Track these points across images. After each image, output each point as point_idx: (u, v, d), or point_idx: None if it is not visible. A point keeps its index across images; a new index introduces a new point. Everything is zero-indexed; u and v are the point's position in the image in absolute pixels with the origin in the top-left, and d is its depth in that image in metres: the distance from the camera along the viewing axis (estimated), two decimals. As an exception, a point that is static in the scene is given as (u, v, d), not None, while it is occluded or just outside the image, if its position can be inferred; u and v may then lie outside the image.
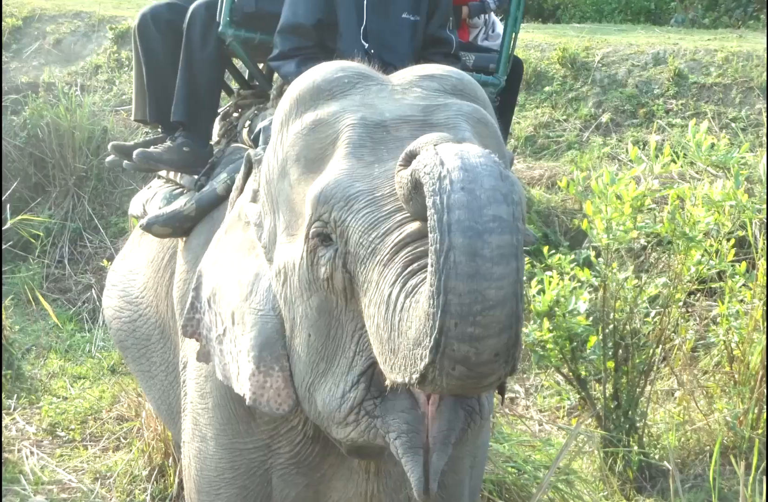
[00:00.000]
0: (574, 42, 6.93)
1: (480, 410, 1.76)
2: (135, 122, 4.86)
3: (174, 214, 2.63)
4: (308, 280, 1.76)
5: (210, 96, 2.91)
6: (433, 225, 1.42)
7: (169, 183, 3.04)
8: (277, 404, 1.87)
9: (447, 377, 1.47)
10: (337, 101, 1.82)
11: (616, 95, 6.38)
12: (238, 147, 2.82)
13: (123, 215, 6.67)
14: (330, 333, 1.75)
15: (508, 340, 1.45)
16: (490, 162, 1.46)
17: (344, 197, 1.66)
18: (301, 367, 1.83)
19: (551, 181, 5.90)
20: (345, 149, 1.73)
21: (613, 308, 3.85)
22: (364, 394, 1.71)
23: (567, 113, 6.47)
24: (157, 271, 2.83)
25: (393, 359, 1.55)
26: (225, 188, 2.57)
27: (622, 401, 3.89)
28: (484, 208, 1.41)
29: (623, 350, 3.92)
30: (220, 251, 2.12)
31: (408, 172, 1.52)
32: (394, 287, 1.55)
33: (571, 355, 3.88)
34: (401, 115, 1.77)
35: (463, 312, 1.41)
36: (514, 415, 4.36)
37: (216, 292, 2.06)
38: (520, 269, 1.44)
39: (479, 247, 1.40)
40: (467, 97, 1.87)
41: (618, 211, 3.58)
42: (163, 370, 2.79)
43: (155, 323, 2.82)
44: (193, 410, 2.33)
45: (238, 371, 1.95)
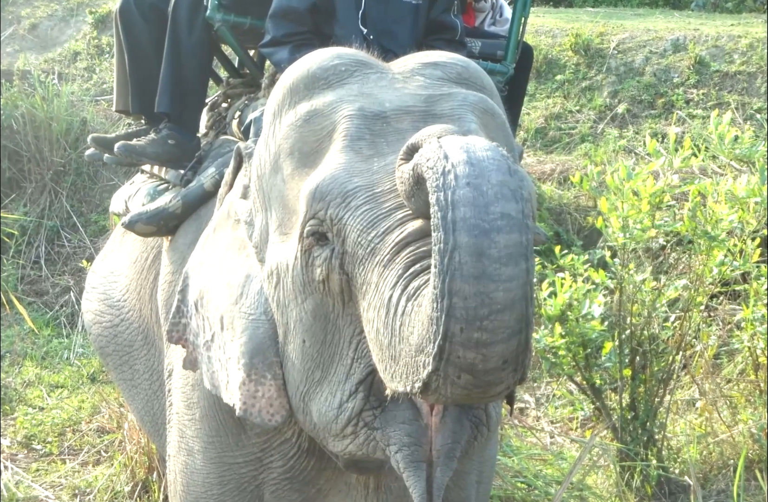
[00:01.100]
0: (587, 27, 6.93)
1: (487, 421, 1.76)
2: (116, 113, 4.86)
3: (158, 211, 2.63)
4: (303, 282, 1.76)
5: (197, 85, 2.91)
6: (436, 223, 1.42)
7: (153, 178, 3.04)
8: (270, 415, 1.87)
9: (452, 386, 1.47)
10: (334, 91, 1.82)
11: (633, 84, 6.38)
12: (227, 140, 2.82)
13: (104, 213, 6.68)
14: (326, 339, 1.75)
15: (517, 346, 1.45)
16: (498, 156, 1.46)
17: (341, 193, 1.67)
18: (295, 375, 1.83)
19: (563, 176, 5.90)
20: (342, 142, 1.73)
21: (629, 312, 3.85)
22: (363, 404, 1.71)
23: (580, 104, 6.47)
24: (140, 272, 2.83)
25: (394, 366, 1.56)
26: (213, 184, 2.57)
27: (640, 412, 3.89)
28: (491, 204, 1.42)
29: (641, 356, 3.92)
30: (208, 250, 2.13)
31: (409, 166, 1.52)
32: (395, 289, 1.56)
33: (584, 362, 3.88)
34: (402, 105, 1.77)
35: (468, 316, 1.41)
36: (524, 426, 4.36)
37: (204, 295, 2.06)
38: (529, 270, 1.44)
39: (486, 247, 1.40)
40: (473, 87, 1.87)
41: (635, 208, 3.58)
42: (147, 378, 2.79)
43: (138, 328, 2.82)
44: (179, 421, 2.33)
45: (227, 379, 1.95)
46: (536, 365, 4.44)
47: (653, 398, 3.90)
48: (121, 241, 3.12)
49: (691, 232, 3.72)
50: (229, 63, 3.21)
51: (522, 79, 3.17)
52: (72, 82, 7.70)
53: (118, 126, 7.03)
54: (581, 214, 5.66)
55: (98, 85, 7.82)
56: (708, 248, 3.73)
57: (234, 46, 2.92)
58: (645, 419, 3.88)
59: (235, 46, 2.91)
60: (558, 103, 6.51)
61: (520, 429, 4.33)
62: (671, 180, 3.63)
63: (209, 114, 3.08)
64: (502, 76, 2.93)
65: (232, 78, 3.15)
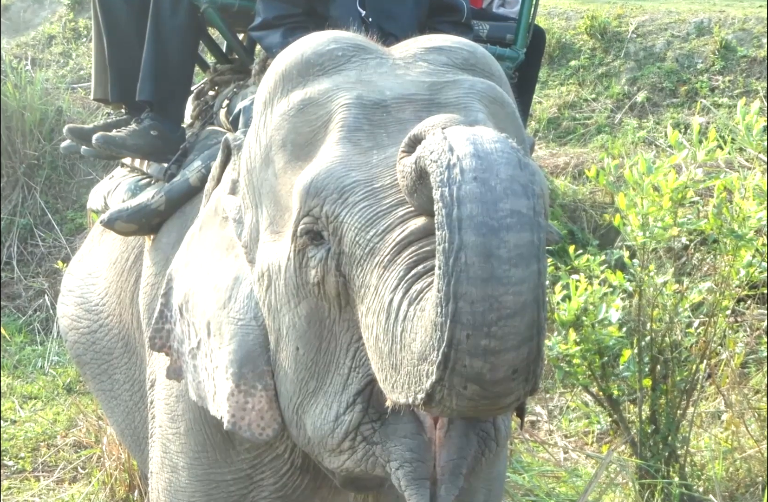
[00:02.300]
0: (604, 9, 6.94)
1: (496, 435, 1.76)
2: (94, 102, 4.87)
3: (140, 208, 2.63)
4: (296, 284, 1.76)
5: (182, 71, 2.91)
6: (441, 221, 1.42)
7: (135, 172, 3.04)
8: (260, 429, 1.87)
9: (457, 397, 1.47)
10: (330, 77, 1.82)
11: (653, 71, 6.38)
12: (214, 130, 2.82)
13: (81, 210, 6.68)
14: (321, 346, 1.75)
15: (528, 354, 1.45)
16: (507, 148, 1.46)
17: (338, 189, 1.67)
18: (287, 385, 1.83)
19: (578, 170, 5.91)
20: (339, 133, 1.73)
21: (650, 317, 3.86)
22: (361, 417, 1.71)
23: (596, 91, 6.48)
24: (120, 274, 2.83)
25: (395, 376, 1.56)
26: (199, 178, 2.57)
27: (661, 425, 3.89)
28: (500, 201, 1.42)
29: (662, 365, 3.92)
30: (194, 250, 2.13)
31: (412, 159, 1.52)
32: (396, 292, 1.56)
33: (601, 371, 3.88)
34: (404, 93, 1.77)
35: (475, 322, 1.41)
36: (535, 441, 4.36)
37: (189, 298, 2.06)
38: (541, 272, 1.44)
39: (494, 247, 1.40)
40: (480, 73, 1.87)
41: (656, 204, 3.59)
42: (128, 389, 2.79)
43: (118, 335, 2.82)
44: (163, 435, 2.33)
45: (214, 389, 1.95)
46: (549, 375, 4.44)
47: (675, 411, 3.90)
48: (99, 241, 3.12)
49: (717, 230, 3.72)
50: (216, 47, 3.21)
51: (533, 65, 3.16)
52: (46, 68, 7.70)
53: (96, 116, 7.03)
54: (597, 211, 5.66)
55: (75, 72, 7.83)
56: (734, 248, 3.73)
57: (222, 30, 2.92)
58: (666, 432, 3.88)
59: (223, 30, 2.91)
60: (572, 91, 6.52)
61: (532, 444, 4.33)
62: (695, 174, 3.63)
63: (195, 103, 3.08)
64: (511, 61, 2.93)
65: (219, 64, 3.15)
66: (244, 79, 2.85)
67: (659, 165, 3.62)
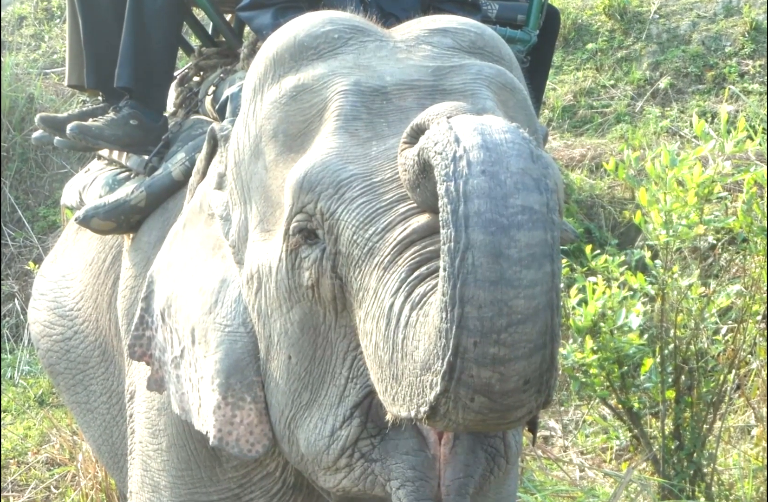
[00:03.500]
0: (624, -13, 6.93)
1: (505, 451, 1.77)
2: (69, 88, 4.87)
3: (118, 204, 2.63)
4: (288, 287, 1.77)
5: (164, 55, 2.91)
6: (446, 218, 1.42)
7: (112, 165, 3.05)
8: (249, 445, 1.87)
9: (464, 411, 1.47)
10: (325, 62, 1.82)
11: (678, 54, 6.38)
12: (199, 120, 2.83)
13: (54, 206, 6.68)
14: (316, 355, 1.75)
15: (540, 363, 1.45)
16: (518, 138, 1.46)
17: (334, 183, 1.67)
18: (279, 397, 1.83)
19: (595, 162, 5.91)
20: (335, 123, 1.73)
21: (673, 323, 3.86)
22: (359, 431, 1.71)
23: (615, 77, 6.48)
24: (97, 276, 2.84)
25: (395, 387, 1.56)
26: (183, 172, 2.58)
27: (686, 441, 3.90)
28: (510, 196, 1.42)
29: (687, 376, 3.92)
30: (177, 250, 2.13)
31: (414, 151, 1.53)
32: (397, 296, 1.56)
33: (620, 382, 3.88)
34: (405, 79, 1.78)
35: (483, 328, 1.41)
36: (549, 458, 4.36)
37: (171, 303, 2.06)
38: (555, 274, 1.44)
39: (504, 246, 1.40)
40: (489, 57, 1.87)
41: (680, 200, 3.59)
42: (105, 401, 2.79)
43: (95, 342, 2.83)
44: (143, 451, 2.33)
45: (199, 402, 1.95)
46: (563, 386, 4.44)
47: (701, 425, 3.90)
48: (74, 240, 3.13)
49: (746, 228, 3.72)
50: (201, 29, 3.21)
51: (547, 48, 3.17)
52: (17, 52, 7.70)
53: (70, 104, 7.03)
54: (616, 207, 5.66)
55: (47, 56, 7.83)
56: (765, 248, 3.73)
57: (207, 10, 2.92)
58: (691, 449, 3.88)
59: (209, 10, 2.92)
60: (589, 76, 6.51)
61: (545, 461, 4.33)
62: (722, 167, 3.63)
63: (178, 89, 3.08)
64: (523, 44, 2.93)
65: (205, 47, 3.15)
66: (231, 63, 2.85)
67: (684, 157, 3.62)
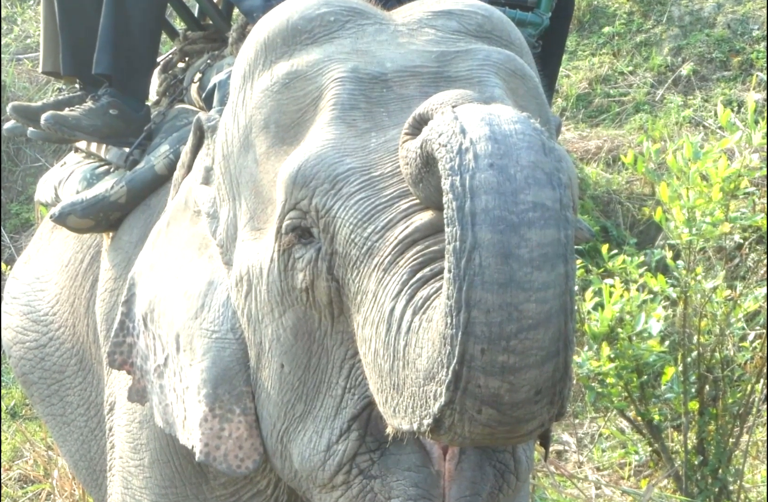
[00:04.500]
0: (643, -35, 6.94)
1: (515, 467, 1.76)
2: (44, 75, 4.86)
3: (97, 200, 2.63)
4: (280, 290, 1.77)
5: (146, 40, 2.91)
6: (451, 215, 1.43)
7: (90, 158, 3.05)
8: (238, 460, 1.87)
9: (470, 423, 1.47)
10: (320, 47, 1.82)
11: (701, 39, 6.38)
12: (184, 109, 2.83)
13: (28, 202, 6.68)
14: (310, 363, 1.75)
15: (553, 372, 1.45)
16: (529, 129, 1.46)
17: (330, 178, 1.67)
18: (270, 409, 1.83)
19: (612, 155, 5.90)
20: (331, 112, 1.73)
21: (697, 328, 3.86)
22: (357, 446, 1.71)
23: (634, 63, 6.48)
24: (74, 278, 2.84)
25: (397, 398, 1.56)
26: (166, 165, 2.58)
27: (710, 456, 3.89)
28: (520, 192, 1.42)
29: (711, 386, 3.92)
30: (160, 250, 2.13)
31: (417, 143, 1.53)
32: (398, 300, 1.56)
33: (639, 393, 3.88)
34: (407, 65, 1.78)
35: (492, 334, 1.41)
36: (562, 475, 4.36)
37: (154, 307, 2.06)
38: (569, 276, 1.44)
39: (514, 246, 1.40)
40: (497, 41, 1.87)
41: (704, 196, 3.58)
42: (83, 413, 2.79)
43: (71, 350, 2.83)
44: (124, 468, 2.33)
45: (184, 414, 1.95)
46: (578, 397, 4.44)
47: (727, 439, 3.90)
48: (49, 239, 3.13)
49: (775, 226, 3.72)
50: (186, 11, 3.21)
51: (560, 32, 3.16)
52: (-13, 36, 7.69)
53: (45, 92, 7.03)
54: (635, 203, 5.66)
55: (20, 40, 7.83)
56: (797, 247, 3.73)
57: (193, -9, 2.92)
58: (716, 464, 3.88)
59: (195, -9, 2.92)
60: (606, 62, 6.51)
61: (558, 478, 4.33)
62: (750, 161, 3.63)
63: (162, 76, 3.08)
64: (534, 28, 2.92)
65: (190, 31, 3.15)
66: (219, 48, 2.85)
67: (708, 150, 3.62)
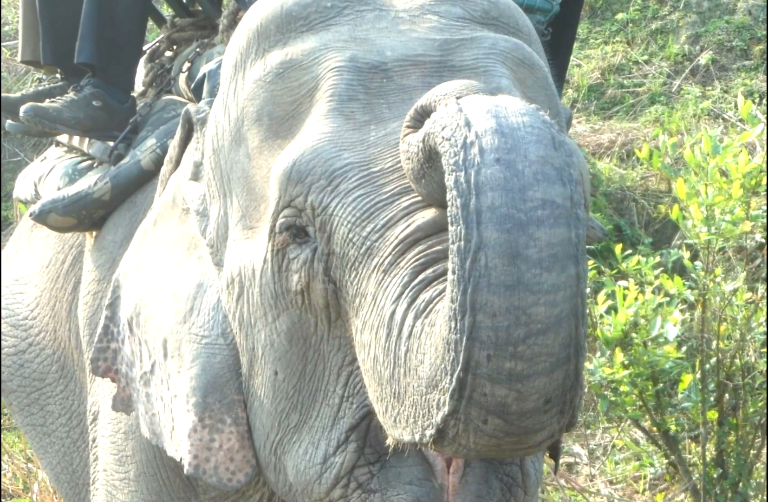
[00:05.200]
0: (659, -52, 6.94)
1: (523, 481, 1.77)
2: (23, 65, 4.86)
3: (79, 197, 2.63)
4: (274, 293, 1.77)
5: (131, 27, 2.91)
6: (455, 213, 1.42)
7: (73, 153, 3.04)
8: (229, 473, 1.87)
9: (475, 434, 1.47)
10: (316, 34, 1.82)
11: (720, 26, 6.38)
12: (172, 101, 2.83)
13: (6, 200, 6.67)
14: (306, 370, 1.75)
15: (563, 380, 1.45)
16: (538, 122, 1.46)
17: (326, 173, 1.67)
18: (263, 419, 1.83)
19: (626, 149, 5.90)
20: (328, 104, 1.73)
21: (716, 333, 3.85)
22: (356, 458, 1.71)
23: (649, 52, 6.47)
24: (55, 280, 2.83)
25: (397, 407, 1.56)
26: (153, 160, 2.58)
27: (730, 469, 3.89)
28: (528, 188, 1.42)
29: (731, 394, 3.92)
30: (147, 251, 2.13)
31: (419, 137, 1.53)
32: (399, 303, 1.56)
33: (655, 402, 3.88)
34: (409, 54, 1.78)
35: (498, 339, 1.41)
36: (573, 488, 4.36)
37: (140, 310, 2.06)
38: (580, 277, 1.44)
39: (522, 246, 1.40)
40: (504, 29, 1.87)
41: (723, 193, 3.58)
42: (64, 423, 2.79)
43: (52, 356, 2.83)
44: (108, 481, 2.33)
45: (172, 424, 1.95)
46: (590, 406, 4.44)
47: (748, 450, 3.90)
48: (29, 239, 3.12)
49: (800, 225, 3.72)
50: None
51: (571, 18, 3.16)
52: (-38, 23, 7.69)
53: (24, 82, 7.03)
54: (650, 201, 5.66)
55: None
56: (822, 248, 3.73)
57: (181, -25, 2.92)
58: (737, 477, 3.88)
59: (183, -25, 2.92)
60: (619, 51, 6.51)
61: (568, 492, 4.33)
62: (772, 155, 3.63)
63: (148, 66, 3.08)
64: (543, 14, 2.92)
65: (178, 17, 3.15)
66: (209, 36, 2.85)
67: (728, 144, 3.62)
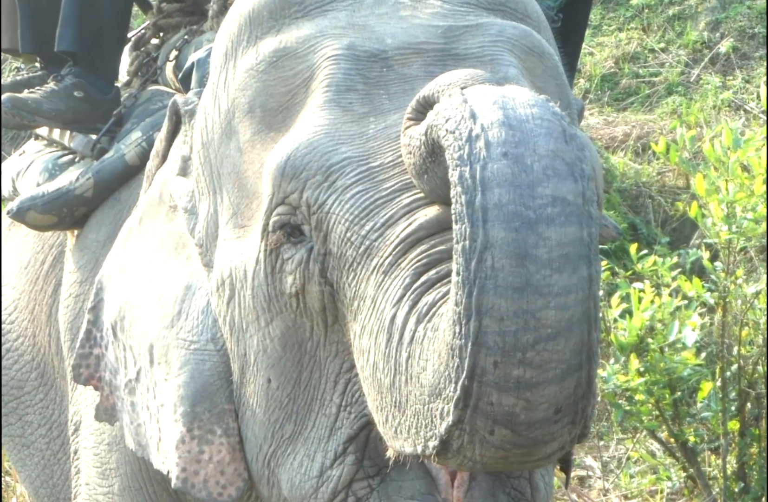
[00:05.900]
0: (676, -71, 6.93)
1: (533, 495, 1.76)
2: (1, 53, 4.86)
3: (60, 194, 2.63)
4: (267, 296, 1.77)
5: (115, 13, 2.91)
6: (459, 211, 1.42)
7: (53, 147, 3.04)
8: (220, 487, 1.87)
9: (481, 446, 1.47)
10: (312, 21, 1.82)
11: (742, 11, 6.38)
12: (158, 91, 2.83)
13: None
14: (301, 377, 1.75)
15: (575, 388, 1.45)
16: (548, 114, 1.46)
17: (323, 168, 1.67)
18: (256, 429, 1.83)
19: (642, 143, 5.90)
20: (324, 95, 1.73)
21: (737, 338, 3.85)
22: (354, 471, 1.71)
23: (666, 39, 6.47)
24: (34, 282, 2.84)
25: (399, 417, 1.56)
26: (138, 154, 2.58)
27: (752, 482, 3.89)
28: (538, 184, 1.42)
29: (753, 403, 3.92)
30: (132, 251, 2.13)
31: (421, 129, 1.53)
32: (400, 306, 1.56)
33: (672, 411, 3.88)
34: (410, 42, 1.78)
35: (506, 345, 1.41)
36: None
37: (125, 314, 2.06)
38: (593, 279, 1.44)
39: (531, 245, 1.40)
40: (512, 15, 1.87)
41: (745, 189, 3.58)
42: (44, 434, 2.79)
43: (31, 363, 2.83)
44: (91, 495, 2.33)
45: (159, 435, 1.95)
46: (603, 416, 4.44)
47: (771, 463, 3.90)
48: (6, 238, 3.12)
49: (826, 224, 3.72)
50: (161, -19, 3.21)
51: (583, 4, 3.16)
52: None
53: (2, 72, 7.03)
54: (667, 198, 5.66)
55: (-26, 14, 7.83)
56: None
57: (168, -43, 2.92)
58: (759, 492, 3.88)
59: (170, -43, 2.92)
60: (634, 38, 6.51)
61: (580, 507, 4.33)
62: (797, 149, 3.63)
63: (133, 54, 3.08)
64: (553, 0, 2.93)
65: (165, 3, 3.15)
66: (197, 22, 2.85)
67: (749, 137, 3.62)
